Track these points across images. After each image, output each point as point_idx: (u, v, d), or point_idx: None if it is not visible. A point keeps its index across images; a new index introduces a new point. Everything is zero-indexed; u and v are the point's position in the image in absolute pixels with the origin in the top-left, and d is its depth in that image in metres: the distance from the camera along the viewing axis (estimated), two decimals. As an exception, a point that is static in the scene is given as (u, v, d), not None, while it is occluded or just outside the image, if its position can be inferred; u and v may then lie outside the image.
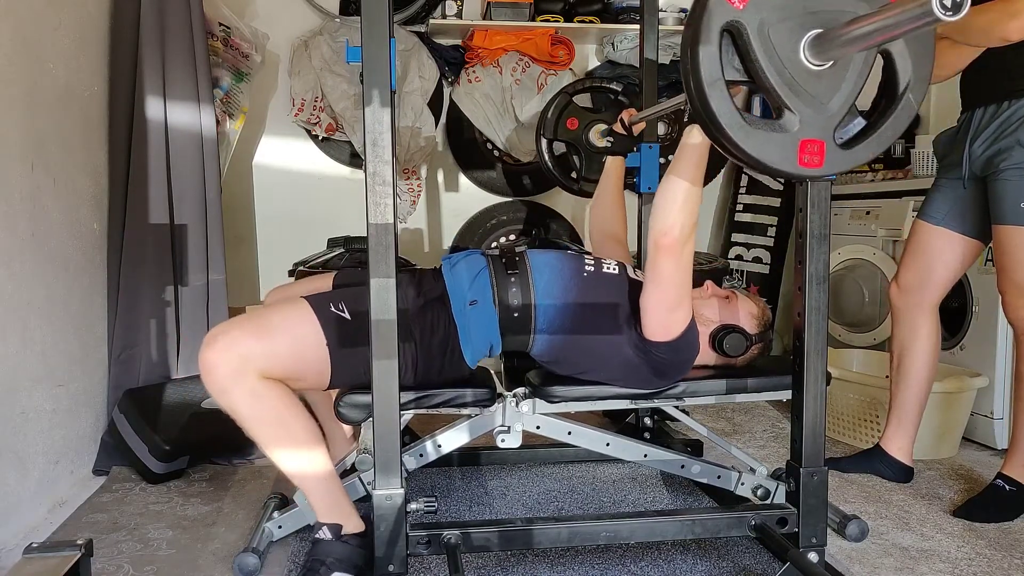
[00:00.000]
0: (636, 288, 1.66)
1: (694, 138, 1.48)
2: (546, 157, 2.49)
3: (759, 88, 1.11)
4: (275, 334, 1.51)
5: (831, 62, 1.10)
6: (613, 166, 2.17)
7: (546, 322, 1.66)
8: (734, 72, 1.10)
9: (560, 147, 2.49)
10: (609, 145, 2.18)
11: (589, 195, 2.31)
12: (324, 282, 1.84)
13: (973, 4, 1.85)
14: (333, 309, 1.56)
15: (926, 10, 0.85)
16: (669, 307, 1.59)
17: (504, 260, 1.69)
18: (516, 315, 1.64)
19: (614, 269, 1.75)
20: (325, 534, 1.53)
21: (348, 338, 1.54)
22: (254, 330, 1.50)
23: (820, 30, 1.08)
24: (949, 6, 0.85)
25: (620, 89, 2.48)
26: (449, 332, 1.63)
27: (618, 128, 2.15)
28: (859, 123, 1.16)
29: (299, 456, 1.51)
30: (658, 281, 1.56)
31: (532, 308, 1.65)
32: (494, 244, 3.48)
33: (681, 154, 1.50)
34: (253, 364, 1.46)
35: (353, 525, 1.55)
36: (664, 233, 1.50)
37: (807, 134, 1.10)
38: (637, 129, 2.14)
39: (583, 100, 2.63)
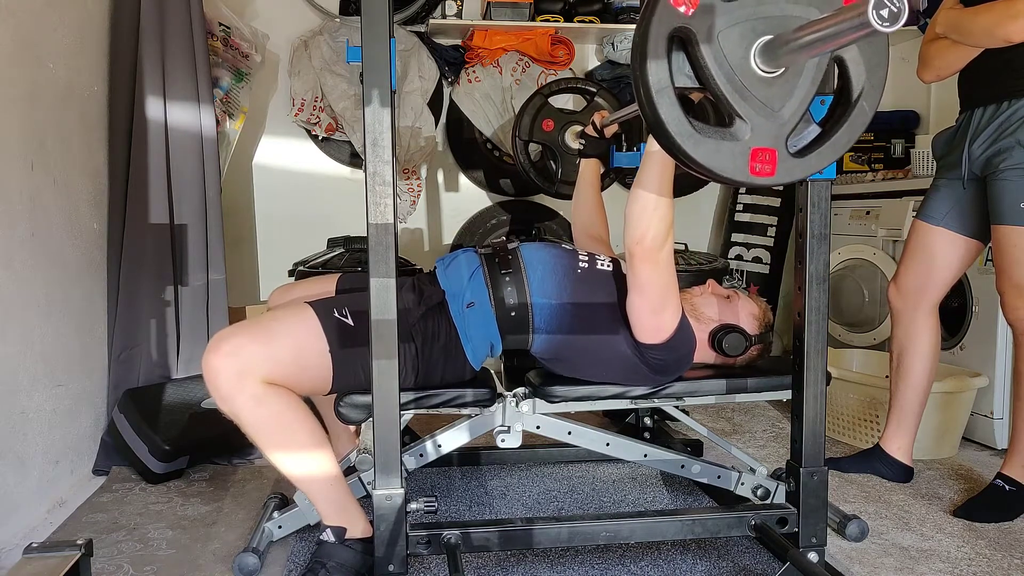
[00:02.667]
0: None
1: (655, 145, 1.48)
2: (523, 159, 2.49)
3: (710, 94, 1.09)
4: (279, 340, 1.51)
5: (782, 69, 1.08)
6: (587, 168, 2.15)
7: (544, 321, 1.66)
8: (685, 79, 1.07)
9: (537, 148, 2.49)
10: (581, 147, 2.17)
11: (567, 197, 2.30)
12: (328, 284, 1.84)
13: (974, 4, 1.87)
14: (337, 315, 1.56)
15: (863, 21, 0.84)
16: (654, 310, 1.59)
17: (497, 259, 1.69)
18: (513, 315, 1.65)
19: (607, 265, 1.75)
20: (328, 537, 1.53)
21: (351, 345, 1.54)
22: (258, 336, 1.49)
23: (770, 36, 1.06)
24: (887, 17, 0.84)
25: (595, 90, 2.48)
26: (450, 336, 1.63)
27: (590, 131, 2.13)
28: (814, 130, 1.14)
29: (304, 461, 1.51)
30: (639, 288, 1.57)
31: (529, 308, 1.65)
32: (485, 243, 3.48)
33: (646, 162, 1.50)
34: (257, 370, 1.46)
35: (360, 529, 1.55)
36: (637, 242, 1.51)
37: (758, 142, 1.08)
38: (609, 131, 2.11)
39: (560, 101, 2.62)
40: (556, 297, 1.66)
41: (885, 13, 0.84)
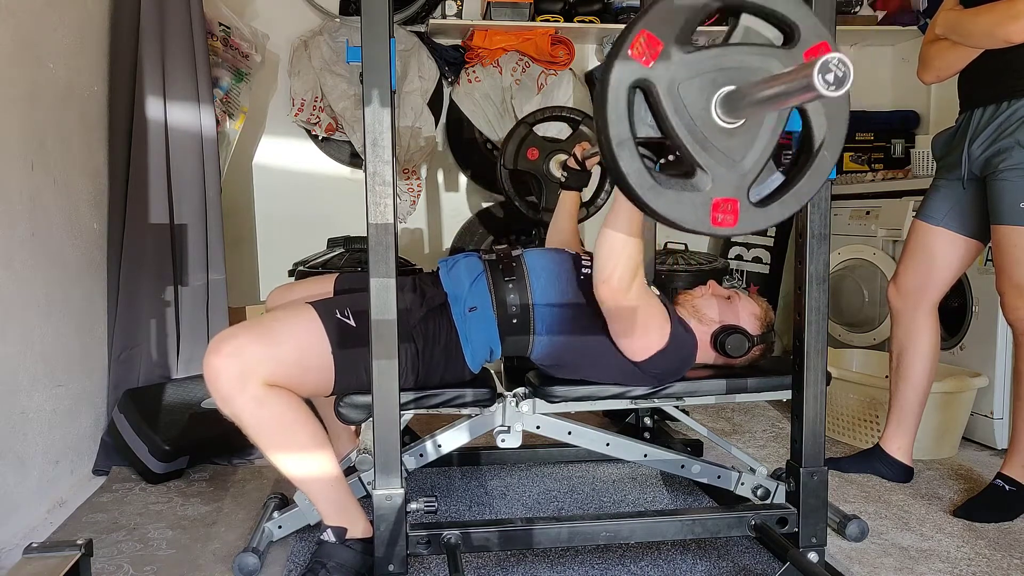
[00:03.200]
0: None
1: None
2: (508, 186, 2.49)
3: (671, 144, 1.09)
4: (281, 341, 1.51)
5: (743, 120, 1.08)
6: (567, 199, 2.14)
7: (544, 324, 1.66)
8: (647, 128, 1.07)
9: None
10: (563, 180, 2.15)
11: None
12: (326, 284, 1.84)
13: (974, 5, 1.87)
14: (339, 316, 1.56)
15: (808, 84, 0.85)
16: (634, 337, 1.60)
17: (501, 266, 1.69)
18: (515, 321, 1.65)
19: None
20: (329, 537, 1.53)
21: (353, 346, 1.54)
22: (260, 337, 1.49)
23: (732, 87, 1.06)
24: (832, 81, 0.85)
25: (580, 119, 2.47)
26: (451, 338, 1.63)
27: (571, 163, 2.11)
28: (777, 178, 1.14)
29: (304, 461, 1.51)
30: (614, 318, 1.59)
31: (531, 312, 1.65)
32: (481, 246, 3.48)
33: (615, 204, 1.50)
34: (258, 371, 1.46)
35: (360, 529, 1.55)
36: (603, 281, 1.52)
37: (720, 193, 1.08)
38: (591, 164, 2.10)
39: (546, 129, 2.62)
40: (558, 302, 1.66)
41: (830, 78, 0.85)
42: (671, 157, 1.17)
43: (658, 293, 1.75)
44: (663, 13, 1.04)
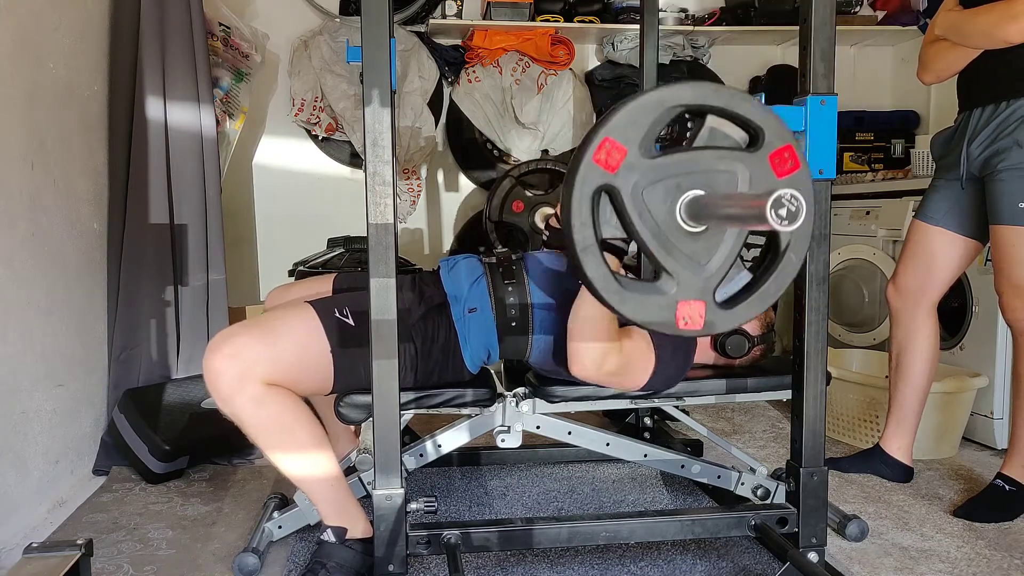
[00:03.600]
0: None
1: None
2: (493, 239, 2.48)
3: (637, 247, 1.10)
4: (280, 340, 1.51)
5: (707, 225, 1.09)
6: None
7: (543, 326, 1.66)
8: (612, 230, 1.08)
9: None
10: (545, 238, 2.12)
11: None
12: (324, 284, 1.84)
13: (973, 5, 1.87)
14: (338, 315, 1.56)
15: (761, 216, 0.86)
16: (622, 382, 1.61)
17: (501, 269, 1.69)
18: (514, 323, 1.65)
19: None
20: (329, 537, 1.53)
21: (352, 345, 1.54)
22: (259, 336, 1.49)
23: (696, 193, 1.06)
24: (785, 216, 0.86)
25: (565, 171, 2.46)
26: (449, 338, 1.63)
27: (553, 222, 2.08)
28: (744, 277, 1.15)
29: (304, 461, 1.51)
30: (598, 383, 1.60)
31: (529, 313, 1.65)
32: (482, 249, 3.47)
33: (582, 295, 1.53)
34: (258, 371, 1.46)
35: (360, 529, 1.55)
36: (573, 363, 1.54)
37: (685, 295, 1.08)
38: None
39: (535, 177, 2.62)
40: (558, 304, 1.66)
41: (783, 212, 0.86)
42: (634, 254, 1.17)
43: None
44: (627, 119, 1.04)
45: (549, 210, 2.28)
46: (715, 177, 1.07)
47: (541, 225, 2.38)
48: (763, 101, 1.33)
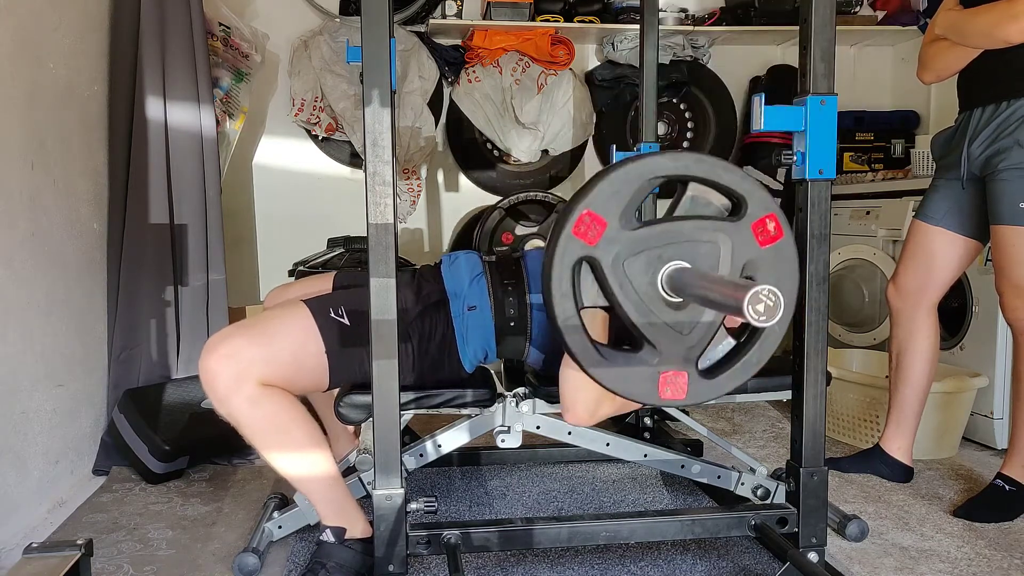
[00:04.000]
0: None
1: None
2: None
3: (619, 316, 1.09)
4: (275, 341, 1.51)
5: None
6: None
7: (540, 327, 1.65)
8: (594, 297, 1.08)
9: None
10: None
11: None
12: (324, 283, 1.84)
13: (973, 5, 1.87)
14: (333, 315, 1.56)
15: (738, 309, 0.86)
16: (622, 409, 1.58)
17: (501, 267, 1.69)
18: (512, 324, 1.65)
19: None
20: (328, 537, 1.53)
21: (347, 344, 1.54)
22: (254, 337, 1.49)
23: (678, 264, 1.06)
24: (762, 311, 0.86)
25: (555, 203, 2.45)
26: (447, 335, 1.63)
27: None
28: (728, 344, 1.14)
29: (302, 462, 1.51)
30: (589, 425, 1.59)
31: (528, 314, 1.65)
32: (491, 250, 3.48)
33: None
34: (253, 371, 1.46)
35: (360, 529, 1.55)
36: (567, 411, 1.52)
37: (667, 366, 1.08)
38: None
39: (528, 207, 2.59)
40: None
41: (760, 308, 0.86)
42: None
43: None
44: (608, 190, 1.04)
45: (539, 242, 2.27)
46: (697, 247, 1.06)
47: None
48: (763, 101, 1.33)
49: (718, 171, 1.07)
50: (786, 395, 1.65)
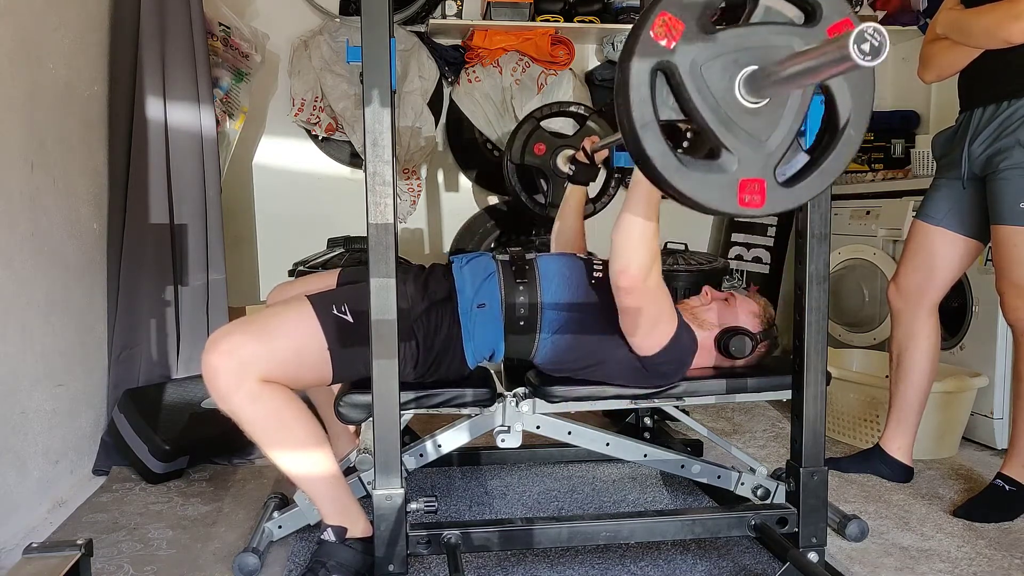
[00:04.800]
0: None
1: (640, 175, 1.48)
2: (513, 181, 2.48)
3: (695, 127, 1.08)
4: (277, 337, 1.51)
5: (768, 99, 1.07)
6: (573, 194, 2.14)
7: (551, 325, 1.66)
8: (669, 111, 1.06)
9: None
10: (571, 173, 2.15)
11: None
12: (328, 280, 1.84)
13: (975, 5, 1.87)
14: (335, 312, 1.56)
15: (844, 55, 0.83)
16: (646, 331, 1.59)
17: (514, 268, 1.69)
18: (522, 322, 1.65)
19: None
20: (329, 536, 1.53)
21: (350, 340, 1.54)
22: (256, 333, 1.49)
23: (755, 67, 1.05)
24: (868, 51, 0.82)
25: (587, 115, 2.47)
26: (452, 332, 1.63)
27: (580, 157, 2.11)
28: (802, 159, 1.13)
29: (303, 459, 1.51)
30: (628, 313, 1.57)
31: (539, 312, 1.65)
32: (491, 245, 3.48)
33: (632, 191, 1.49)
34: (255, 367, 1.46)
35: (360, 529, 1.55)
36: (621, 271, 1.50)
37: (746, 173, 1.07)
38: (599, 157, 2.10)
39: (553, 124, 2.61)
40: (567, 306, 1.67)
41: (866, 47, 0.83)
42: (685, 144, 1.16)
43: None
44: None
45: (571, 151, 2.28)
46: (773, 52, 1.04)
47: (564, 168, 2.38)
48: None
49: None
50: (786, 395, 1.65)
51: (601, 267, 1.75)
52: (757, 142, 1.08)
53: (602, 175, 2.43)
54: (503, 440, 1.73)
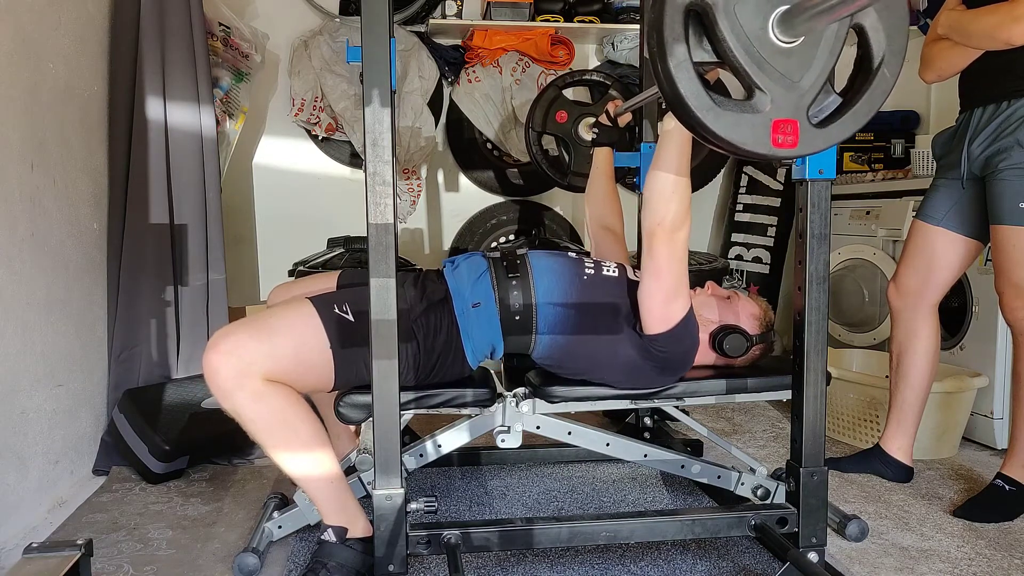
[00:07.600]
0: (635, 288, 1.66)
1: (670, 124, 1.50)
2: (535, 150, 2.49)
3: (728, 68, 1.07)
4: (279, 336, 1.51)
5: (801, 38, 1.07)
6: (601, 157, 2.17)
7: (547, 324, 1.66)
8: (702, 53, 1.06)
9: (550, 141, 2.49)
10: (595, 136, 2.18)
11: (580, 189, 2.31)
12: (328, 281, 1.84)
13: (976, 6, 1.87)
14: (337, 311, 1.56)
15: None
16: (666, 298, 1.59)
17: (505, 263, 1.70)
18: (518, 318, 1.65)
19: (613, 271, 1.75)
20: (329, 536, 1.53)
21: (352, 341, 1.54)
22: (258, 332, 1.49)
23: (788, 6, 1.04)
24: None
25: (610, 83, 2.48)
26: (451, 333, 1.63)
27: (603, 120, 2.16)
28: (834, 101, 1.12)
29: (304, 459, 1.51)
30: (656, 272, 1.57)
31: (533, 310, 1.65)
32: (494, 245, 3.48)
33: (662, 143, 1.52)
34: (256, 367, 1.46)
35: (361, 529, 1.55)
36: (658, 223, 1.53)
37: (779, 114, 1.07)
38: (623, 120, 2.15)
39: (574, 94, 2.61)
40: (561, 300, 1.66)
41: None
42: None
43: None
44: None
45: (592, 119, 2.30)
46: None
47: (586, 136, 2.39)
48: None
49: None
50: (786, 395, 1.65)
51: (592, 264, 1.76)
52: (790, 82, 1.07)
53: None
54: (503, 440, 1.73)
